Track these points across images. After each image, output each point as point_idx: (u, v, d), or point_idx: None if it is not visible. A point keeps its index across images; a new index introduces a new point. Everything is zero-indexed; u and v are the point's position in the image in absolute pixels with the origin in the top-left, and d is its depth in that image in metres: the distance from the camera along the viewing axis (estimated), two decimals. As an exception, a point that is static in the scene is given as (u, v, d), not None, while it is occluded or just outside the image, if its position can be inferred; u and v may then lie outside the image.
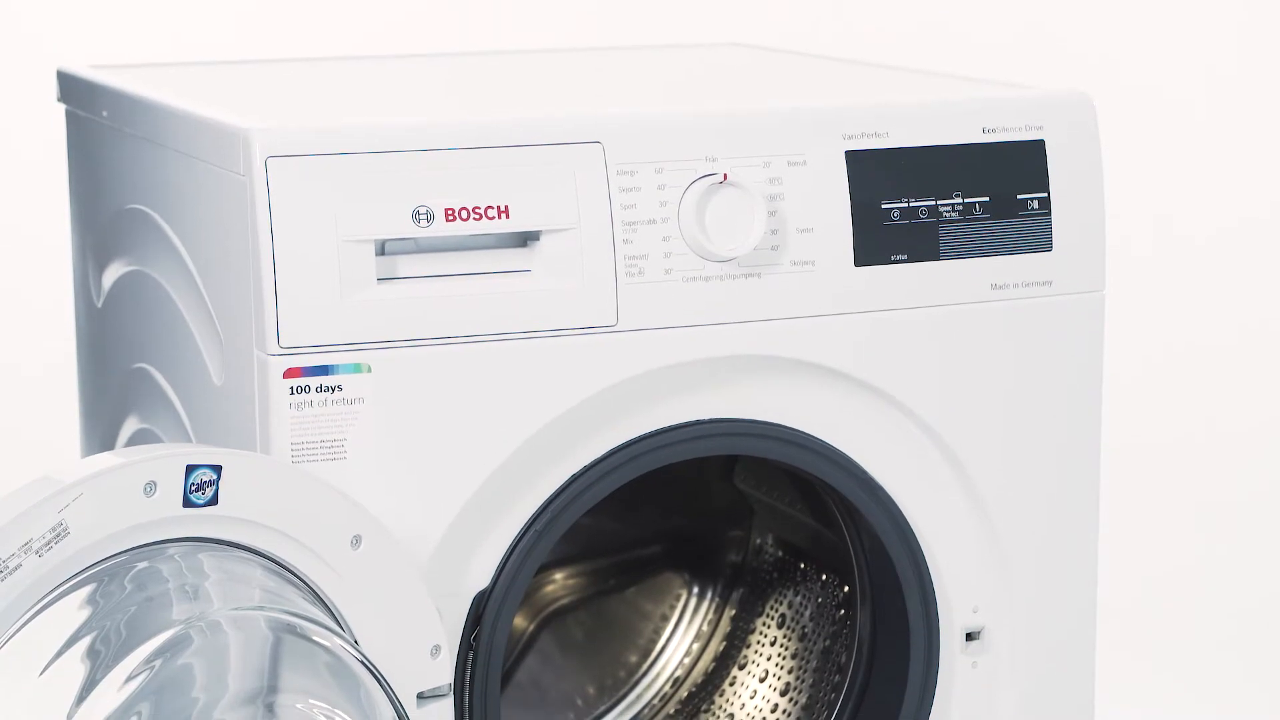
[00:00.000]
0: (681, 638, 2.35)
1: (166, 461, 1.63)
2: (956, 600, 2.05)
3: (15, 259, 3.31)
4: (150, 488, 1.62)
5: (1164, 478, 3.41)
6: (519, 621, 2.35)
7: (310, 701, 1.62)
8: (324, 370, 1.77)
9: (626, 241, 1.85)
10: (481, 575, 1.87)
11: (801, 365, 1.93)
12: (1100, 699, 2.15)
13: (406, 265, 1.79)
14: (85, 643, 1.58)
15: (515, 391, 1.83)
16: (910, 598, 2.03)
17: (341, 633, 1.68)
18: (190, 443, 1.94)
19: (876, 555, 2.06)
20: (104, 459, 1.62)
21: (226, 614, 1.61)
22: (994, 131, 1.97)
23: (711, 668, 2.32)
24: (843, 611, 2.18)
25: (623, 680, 2.34)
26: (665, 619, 2.36)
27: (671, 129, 1.87)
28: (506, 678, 2.30)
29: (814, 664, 2.21)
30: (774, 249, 1.89)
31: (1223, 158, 3.64)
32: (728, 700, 2.27)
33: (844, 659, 2.16)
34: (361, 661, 1.66)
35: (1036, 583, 2.06)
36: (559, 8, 3.39)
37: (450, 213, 1.79)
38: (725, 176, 1.87)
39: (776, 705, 2.23)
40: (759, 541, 2.33)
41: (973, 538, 2.03)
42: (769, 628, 2.29)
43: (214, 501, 1.66)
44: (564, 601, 2.38)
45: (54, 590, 1.59)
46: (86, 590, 1.60)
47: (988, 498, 2.02)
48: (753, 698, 2.25)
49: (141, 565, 1.63)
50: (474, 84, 2.24)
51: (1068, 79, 2.58)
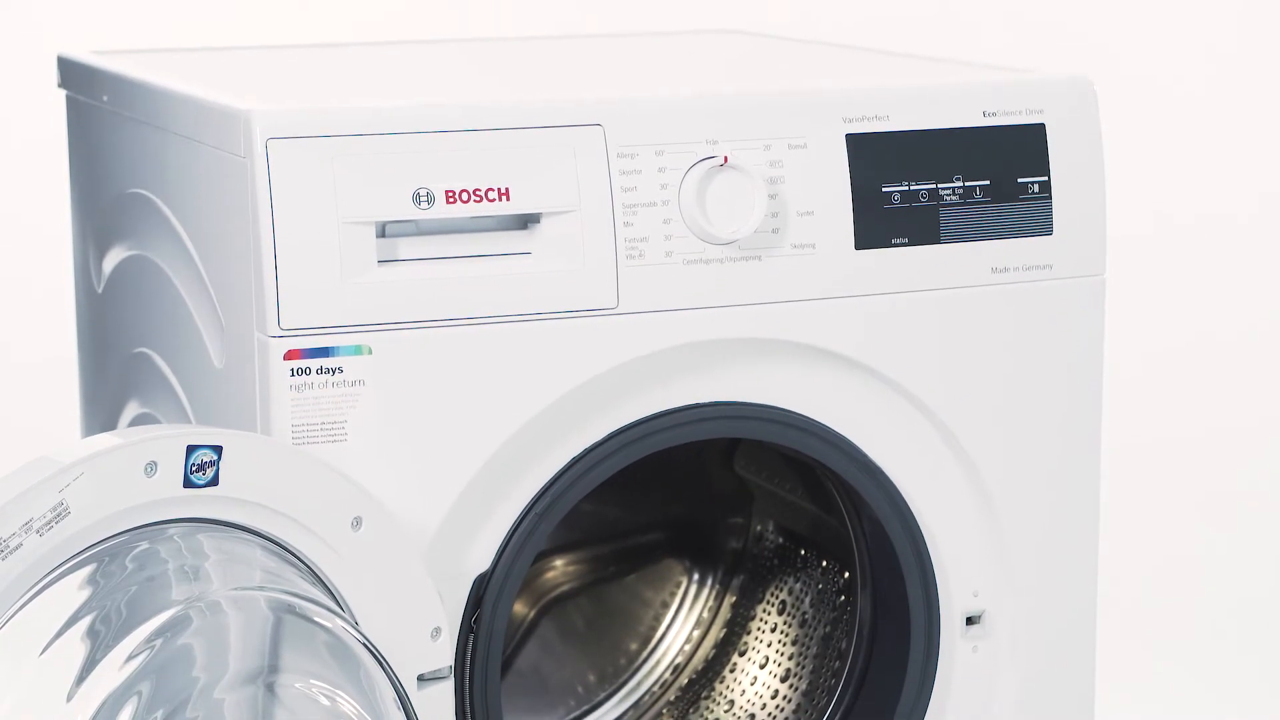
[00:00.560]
0: (682, 625, 2.35)
1: (167, 442, 1.63)
2: (957, 584, 2.05)
3: (15, 246, 3.31)
4: (151, 468, 1.62)
5: (1165, 468, 3.42)
6: (519, 608, 2.35)
7: (311, 682, 1.62)
8: (324, 352, 1.77)
9: (627, 224, 1.85)
10: (482, 558, 1.87)
11: (802, 348, 1.93)
12: (1101, 683, 2.16)
13: (407, 247, 1.79)
14: (85, 622, 1.58)
15: (516, 374, 1.83)
16: (911, 582, 2.03)
17: (342, 614, 1.68)
18: (191, 424, 1.95)
19: (877, 540, 2.06)
20: (104, 439, 1.62)
21: (227, 594, 1.61)
22: (994, 115, 1.97)
23: (712, 654, 2.32)
24: (843, 598, 2.18)
25: (623, 667, 2.34)
26: (666, 606, 2.36)
27: (672, 111, 1.87)
28: (507, 665, 2.30)
29: (814, 650, 2.21)
30: (774, 232, 1.89)
31: (1223, 147, 3.64)
32: (728, 687, 2.27)
33: (844, 645, 2.16)
34: (362, 643, 1.66)
35: (1037, 567, 2.06)
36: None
37: (451, 195, 1.79)
38: (726, 159, 1.87)
39: (777, 691, 2.22)
40: (759, 528, 2.33)
41: (973, 521, 2.03)
42: (769, 614, 2.29)
43: (214, 482, 1.66)
44: (564, 588, 2.38)
45: (54, 570, 1.59)
46: (87, 570, 1.61)
47: (988, 481, 2.02)
48: (753, 684, 2.25)
49: (142, 546, 1.63)
50: (475, 68, 2.24)
51: (1068, 67, 2.57)
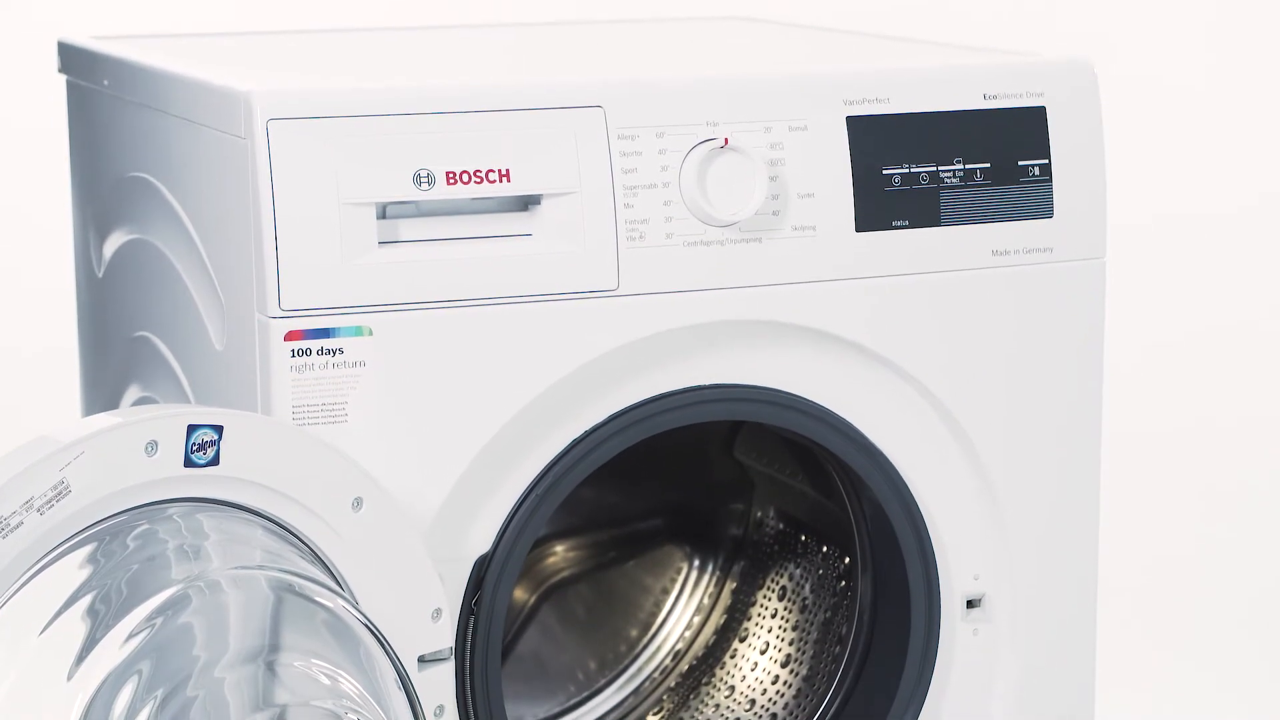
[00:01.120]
0: (682, 611, 2.35)
1: (168, 421, 1.63)
2: (957, 567, 2.05)
3: (15, 233, 3.31)
4: (151, 447, 1.62)
5: (1167, 454, 3.42)
6: (520, 594, 2.35)
7: (311, 661, 1.62)
8: (325, 333, 1.77)
9: (627, 206, 1.85)
10: (483, 540, 1.87)
11: (802, 331, 1.93)
12: (1101, 666, 2.16)
13: (408, 229, 1.79)
14: (85, 601, 1.58)
15: (516, 355, 1.83)
16: (911, 564, 2.03)
17: (343, 593, 1.68)
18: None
19: (877, 523, 2.06)
20: (105, 418, 1.63)
21: (227, 573, 1.61)
22: (995, 98, 1.97)
23: (712, 641, 2.32)
24: (843, 583, 2.18)
25: (624, 654, 2.34)
26: (666, 592, 2.36)
27: (672, 93, 1.87)
28: (507, 650, 2.30)
29: (814, 635, 2.21)
30: (775, 214, 1.89)
31: (1224, 138, 3.64)
32: (728, 673, 2.27)
33: (845, 630, 2.16)
34: (364, 623, 1.66)
35: (1037, 549, 2.06)
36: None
37: (451, 176, 1.79)
38: (726, 141, 1.87)
39: (778, 677, 2.23)
40: (759, 514, 2.33)
41: (973, 504, 2.03)
42: (770, 600, 2.29)
43: (215, 462, 1.66)
44: (565, 574, 2.38)
45: (55, 549, 1.59)
46: (87, 549, 1.61)
47: (989, 464, 2.02)
48: (753, 670, 2.26)
49: (142, 525, 1.63)
50: (475, 52, 2.24)
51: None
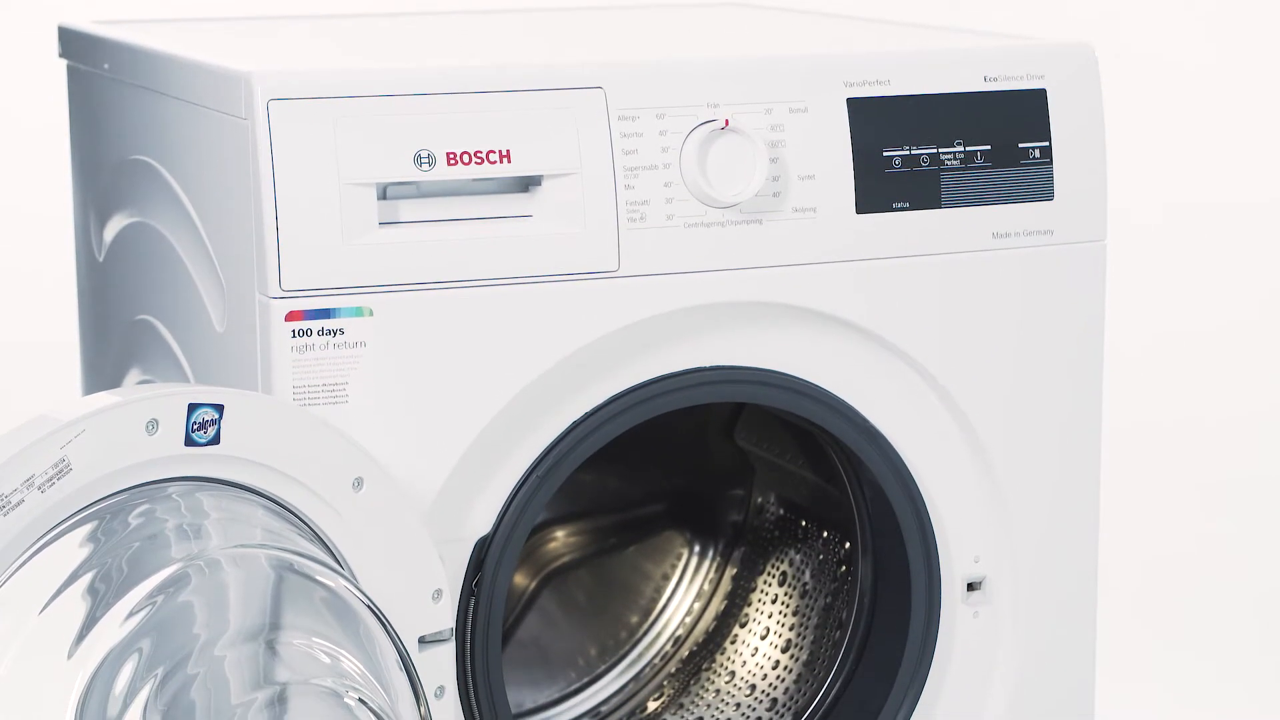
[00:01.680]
0: (683, 597, 2.35)
1: (168, 400, 1.63)
2: (957, 550, 2.05)
3: (15, 220, 3.31)
4: (152, 426, 1.62)
5: (1168, 438, 3.42)
6: (520, 579, 2.35)
7: (313, 640, 1.61)
8: (326, 314, 1.77)
9: (628, 187, 1.85)
10: (483, 521, 1.87)
11: (803, 312, 1.93)
12: (1101, 648, 2.16)
13: (408, 209, 1.79)
14: (86, 580, 1.58)
15: (517, 336, 1.83)
16: (912, 547, 2.03)
17: (344, 573, 1.68)
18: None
19: (878, 506, 2.06)
20: (105, 397, 1.62)
21: (227, 552, 1.61)
22: (995, 80, 1.97)
23: (713, 626, 2.32)
24: (844, 568, 2.18)
25: (624, 640, 2.34)
26: (666, 578, 2.36)
27: (673, 75, 1.87)
28: (508, 636, 2.30)
29: (815, 621, 2.21)
30: (775, 195, 1.89)
31: (1225, 127, 3.64)
32: (729, 658, 2.27)
33: (845, 615, 2.16)
34: (365, 603, 1.66)
35: (1038, 532, 2.06)
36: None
37: (452, 157, 1.79)
38: (727, 123, 1.87)
39: (778, 662, 2.23)
40: (760, 500, 2.33)
41: (974, 486, 2.04)
42: (770, 586, 2.29)
43: (216, 441, 1.66)
44: (565, 559, 2.38)
45: (55, 527, 1.59)
46: (88, 528, 1.60)
47: (989, 446, 2.02)
48: (754, 655, 2.26)
49: (143, 504, 1.63)
50: (476, 34, 2.24)
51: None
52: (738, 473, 2.35)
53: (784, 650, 2.23)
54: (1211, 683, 2.78)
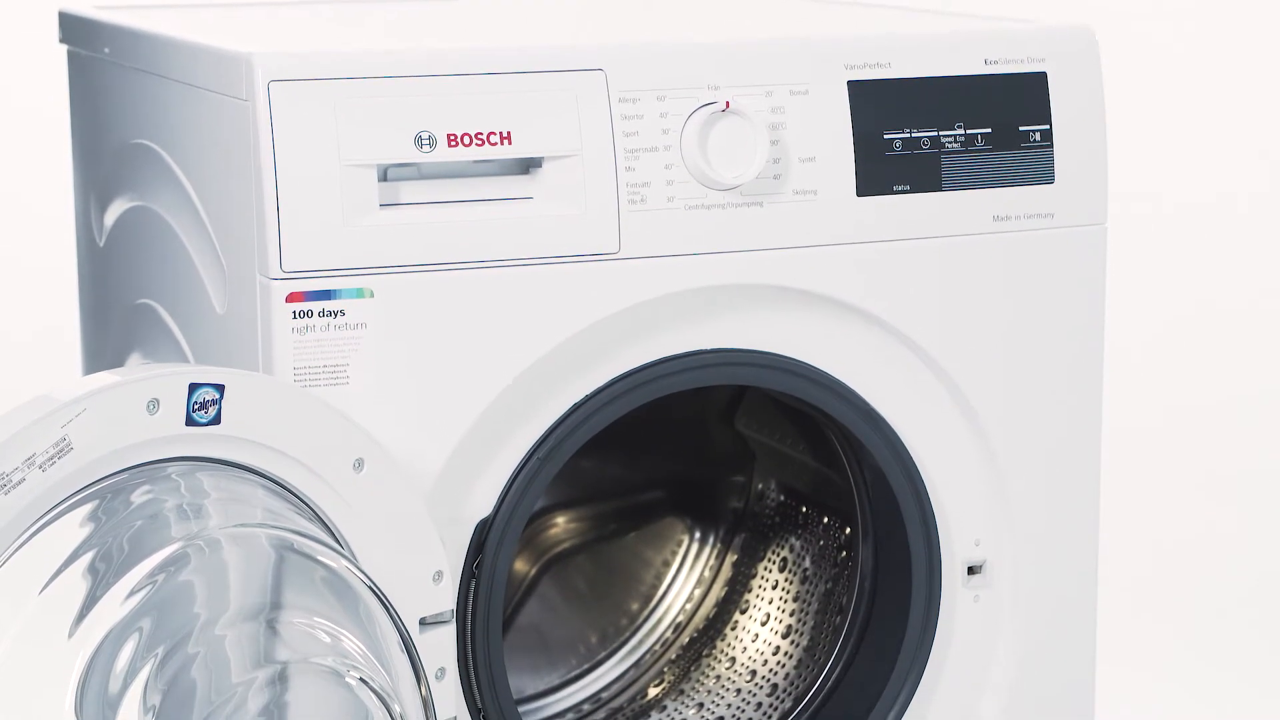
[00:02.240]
0: (683, 584, 2.35)
1: (169, 380, 1.63)
2: (958, 533, 2.05)
3: (15, 207, 3.31)
4: (153, 405, 1.62)
5: (1169, 423, 3.42)
6: (520, 565, 2.35)
7: (314, 619, 1.61)
8: (326, 295, 1.77)
9: (629, 169, 1.85)
10: (484, 503, 1.87)
11: (803, 295, 1.93)
12: (1102, 631, 2.16)
13: (409, 191, 1.79)
14: (86, 559, 1.58)
15: (517, 318, 1.83)
16: (912, 531, 2.03)
17: (345, 553, 1.68)
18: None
19: (878, 490, 2.06)
20: (106, 376, 1.62)
21: (227, 531, 1.61)
22: (996, 63, 1.98)
23: (713, 613, 2.32)
24: (844, 554, 2.19)
25: (624, 627, 2.34)
26: (667, 565, 2.36)
27: (673, 56, 1.87)
28: (508, 622, 2.30)
29: (815, 606, 2.21)
30: (776, 178, 1.89)
31: (1226, 115, 3.64)
32: (729, 644, 2.28)
33: (845, 600, 2.16)
34: (366, 583, 1.66)
35: (1038, 515, 2.06)
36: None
37: (452, 138, 1.79)
38: (728, 105, 1.87)
39: (778, 648, 2.23)
40: (760, 487, 2.33)
41: (974, 470, 2.04)
42: (770, 572, 2.29)
43: (217, 421, 1.66)
44: (565, 545, 2.38)
45: (56, 506, 1.59)
46: (88, 507, 1.60)
47: (990, 429, 2.02)
48: (754, 641, 2.26)
49: (143, 483, 1.63)
50: (477, 16, 2.24)
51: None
52: (738, 459, 2.35)
53: (784, 636, 2.23)
54: (1212, 669, 2.78)
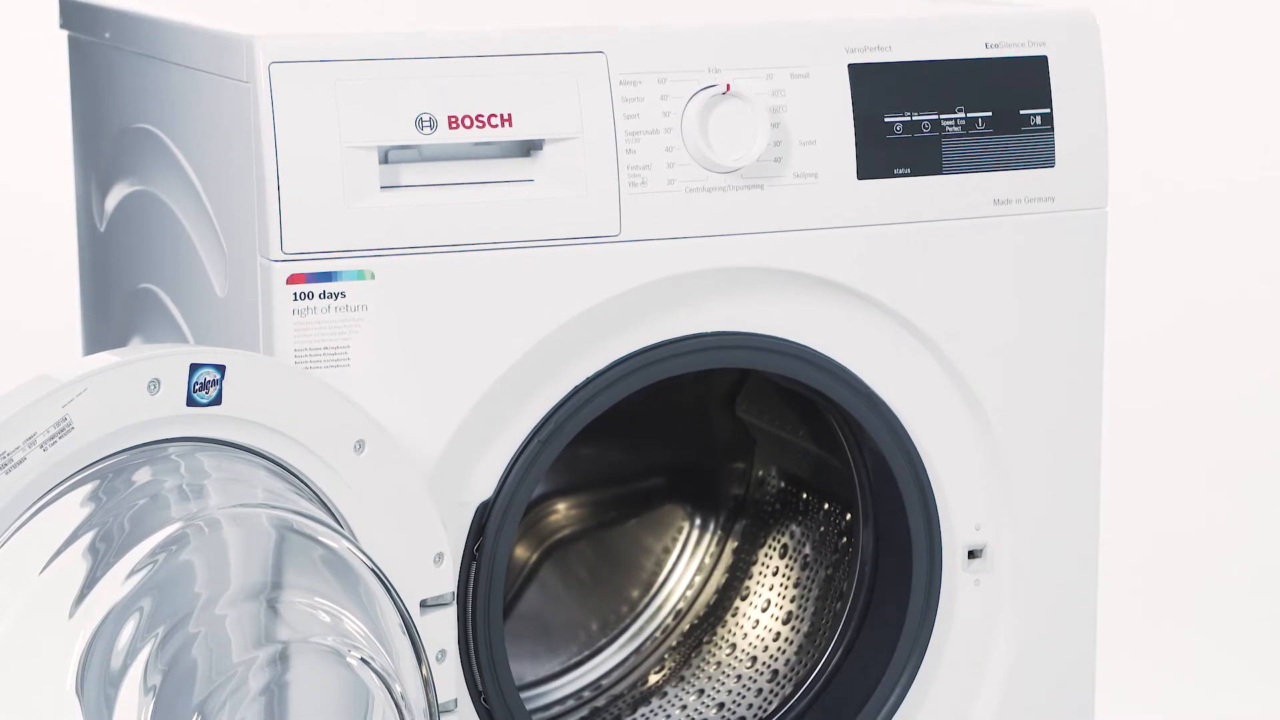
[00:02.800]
0: (683, 571, 2.35)
1: (170, 360, 1.63)
2: (959, 517, 2.05)
3: (16, 193, 3.31)
4: (154, 385, 1.62)
5: (1169, 408, 3.42)
6: (521, 552, 2.35)
7: (315, 599, 1.61)
8: (327, 277, 1.77)
9: (629, 151, 1.85)
10: (485, 486, 1.87)
11: (804, 278, 1.93)
12: (1102, 615, 2.16)
13: (410, 173, 1.79)
14: (86, 539, 1.58)
15: (518, 300, 1.83)
16: (913, 515, 2.03)
17: (346, 534, 1.68)
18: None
19: (879, 474, 2.06)
20: (107, 356, 1.62)
21: (227, 511, 1.61)
22: (997, 47, 1.98)
23: (714, 600, 2.32)
24: (845, 540, 2.19)
25: (625, 613, 2.34)
26: (667, 552, 2.36)
27: (674, 39, 1.87)
28: (509, 608, 2.30)
29: (816, 592, 2.21)
30: (777, 161, 1.90)
31: (1226, 102, 3.64)
32: (730, 631, 2.28)
33: (845, 586, 2.16)
34: (368, 565, 1.66)
35: (1039, 499, 2.06)
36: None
37: (453, 120, 1.79)
38: (728, 88, 1.87)
39: (779, 634, 2.23)
40: (761, 473, 2.33)
41: (975, 453, 2.04)
42: (771, 558, 2.29)
43: (218, 401, 1.66)
44: (566, 532, 2.38)
45: (57, 486, 1.59)
46: (89, 487, 1.60)
47: (990, 412, 2.02)
48: (755, 627, 2.26)
49: (143, 464, 1.63)
50: None
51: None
52: (739, 446, 2.35)
53: (785, 622, 2.23)
54: (1212, 656, 2.78)
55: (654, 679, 2.28)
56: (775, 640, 2.23)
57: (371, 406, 1.77)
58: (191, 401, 1.64)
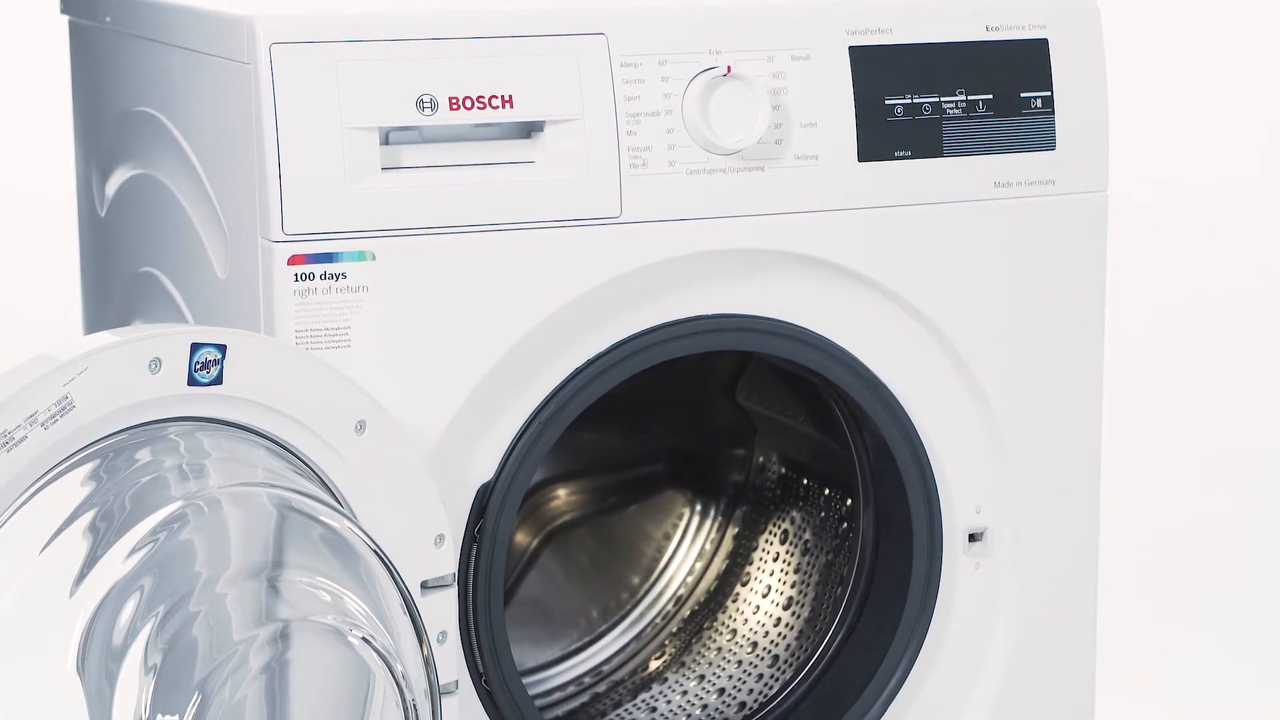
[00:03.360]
0: (684, 557, 2.35)
1: (171, 339, 1.63)
2: (959, 501, 2.05)
3: (16, 179, 3.31)
4: (155, 364, 1.62)
5: (1169, 396, 3.42)
6: (521, 538, 2.35)
7: (316, 579, 1.61)
8: (328, 258, 1.77)
9: (630, 133, 1.85)
10: (485, 467, 1.87)
11: (804, 260, 1.93)
12: (1103, 598, 2.16)
13: (410, 155, 1.79)
14: (87, 518, 1.58)
15: (519, 282, 1.83)
16: (913, 498, 2.03)
17: (346, 513, 1.68)
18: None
19: (880, 458, 2.06)
20: (108, 335, 1.63)
21: (228, 490, 1.61)
22: (997, 30, 1.98)
23: (714, 585, 2.32)
24: (845, 525, 2.19)
25: (626, 600, 2.34)
26: (668, 538, 2.36)
27: (675, 21, 1.87)
28: (509, 594, 2.30)
29: (816, 578, 2.21)
30: (778, 143, 1.90)
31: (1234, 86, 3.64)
32: (730, 617, 2.28)
33: (846, 571, 2.16)
34: (369, 545, 1.66)
35: (1039, 482, 2.06)
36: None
37: (454, 101, 1.79)
38: (729, 69, 1.87)
39: (780, 619, 2.23)
40: (762, 459, 2.33)
41: (975, 437, 2.04)
42: (771, 544, 2.29)
43: (218, 381, 1.66)
44: (567, 518, 2.38)
45: (58, 465, 1.59)
46: (90, 466, 1.60)
47: (991, 396, 2.02)
48: (755, 613, 2.26)
49: (144, 443, 1.63)
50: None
51: None
52: (739, 431, 2.35)
53: (785, 608, 2.23)
54: (1212, 646, 2.78)
55: (655, 665, 2.28)
56: (776, 625, 2.23)
57: (372, 387, 1.77)
58: (192, 381, 1.64)
